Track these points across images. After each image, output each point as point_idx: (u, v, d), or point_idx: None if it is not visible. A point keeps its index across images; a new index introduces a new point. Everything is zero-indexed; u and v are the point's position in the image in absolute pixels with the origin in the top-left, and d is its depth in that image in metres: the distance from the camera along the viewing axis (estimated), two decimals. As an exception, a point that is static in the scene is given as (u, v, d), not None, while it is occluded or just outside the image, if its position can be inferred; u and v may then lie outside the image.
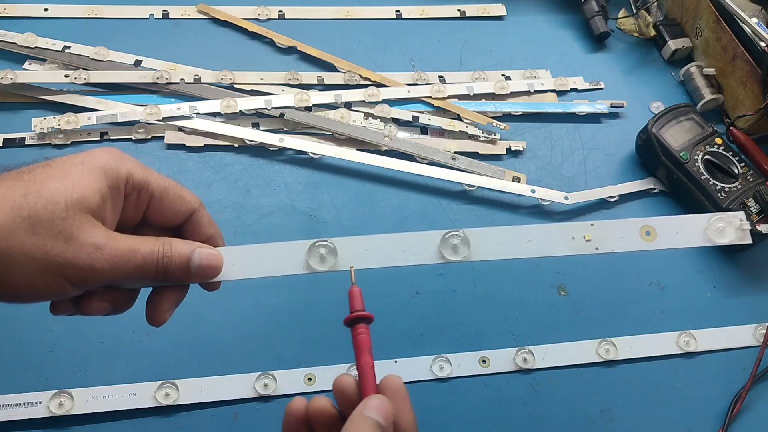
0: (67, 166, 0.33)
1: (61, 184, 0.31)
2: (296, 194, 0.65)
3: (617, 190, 0.68)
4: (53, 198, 0.31)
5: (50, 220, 0.31)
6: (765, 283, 0.64)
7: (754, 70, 0.69)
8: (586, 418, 0.56)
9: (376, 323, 0.57)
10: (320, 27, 0.78)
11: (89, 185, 0.32)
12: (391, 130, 0.69)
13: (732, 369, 0.59)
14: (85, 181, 0.32)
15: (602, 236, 0.41)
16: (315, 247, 0.40)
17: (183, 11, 0.77)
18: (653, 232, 0.41)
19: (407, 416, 0.35)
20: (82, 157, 0.33)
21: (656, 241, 0.41)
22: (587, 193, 0.67)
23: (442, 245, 0.41)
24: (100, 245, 0.32)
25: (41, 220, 0.31)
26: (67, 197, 0.31)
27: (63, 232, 0.31)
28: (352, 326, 0.38)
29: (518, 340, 0.58)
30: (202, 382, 0.53)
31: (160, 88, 0.69)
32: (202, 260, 0.36)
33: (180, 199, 0.37)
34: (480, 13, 0.82)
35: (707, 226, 0.42)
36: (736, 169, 0.65)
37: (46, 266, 0.31)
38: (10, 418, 0.50)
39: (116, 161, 0.34)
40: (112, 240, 0.33)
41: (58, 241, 0.31)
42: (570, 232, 0.41)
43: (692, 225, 0.42)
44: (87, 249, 0.32)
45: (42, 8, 0.74)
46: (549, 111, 0.74)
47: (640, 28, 0.80)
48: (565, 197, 0.66)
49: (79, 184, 0.32)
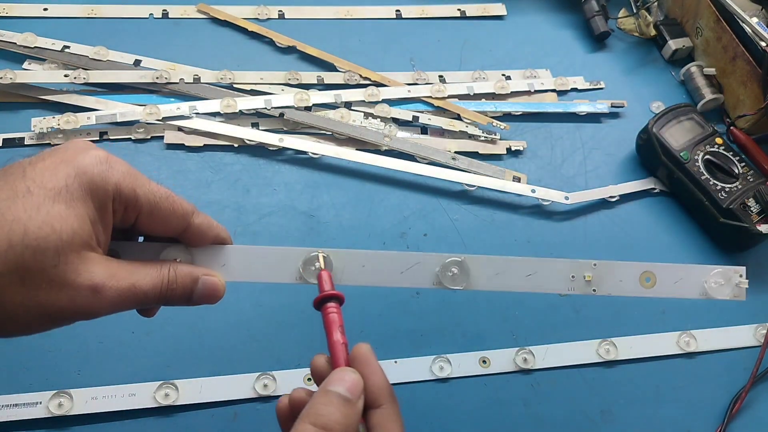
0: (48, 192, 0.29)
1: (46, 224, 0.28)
2: (296, 194, 0.65)
3: (617, 190, 0.68)
4: (40, 246, 0.28)
5: (40, 271, 0.28)
6: (765, 283, 0.64)
7: (754, 70, 0.69)
8: (586, 418, 0.56)
9: (377, 323, 0.58)
10: (320, 27, 0.78)
11: (78, 216, 0.29)
12: (391, 130, 0.69)
13: (732, 369, 0.59)
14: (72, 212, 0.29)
15: (602, 277, 0.41)
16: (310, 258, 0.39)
17: (182, 11, 0.77)
18: (653, 278, 0.42)
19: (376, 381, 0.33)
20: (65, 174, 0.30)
21: (654, 289, 0.41)
22: (587, 193, 0.67)
23: (441, 271, 0.40)
24: (98, 287, 0.30)
25: (30, 272, 0.28)
26: (57, 241, 0.28)
27: (56, 280, 0.29)
28: (322, 306, 0.37)
29: (518, 340, 0.58)
30: (202, 383, 0.53)
31: (160, 88, 0.69)
32: (204, 291, 0.35)
33: (171, 213, 0.34)
34: (480, 12, 0.82)
35: (706, 279, 0.42)
36: (736, 169, 0.65)
37: (41, 314, 0.29)
38: (10, 418, 0.50)
39: (103, 174, 0.31)
40: (111, 278, 0.31)
41: (52, 290, 0.29)
42: (571, 270, 0.41)
43: (692, 275, 0.42)
44: (84, 293, 0.30)
45: (41, 8, 0.74)
46: (549, 111, 0.74)
47: (641, 27, 0.80)
48: (565, 197, 0.66)
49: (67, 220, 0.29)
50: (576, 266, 0.41)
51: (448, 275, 0.40)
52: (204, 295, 0.35)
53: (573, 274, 0.41)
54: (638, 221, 0.67)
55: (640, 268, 0.41)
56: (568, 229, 0.66)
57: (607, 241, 0.65)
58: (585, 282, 0.41)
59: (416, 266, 0.40)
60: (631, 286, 0.41)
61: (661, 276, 0.42)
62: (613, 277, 0.41)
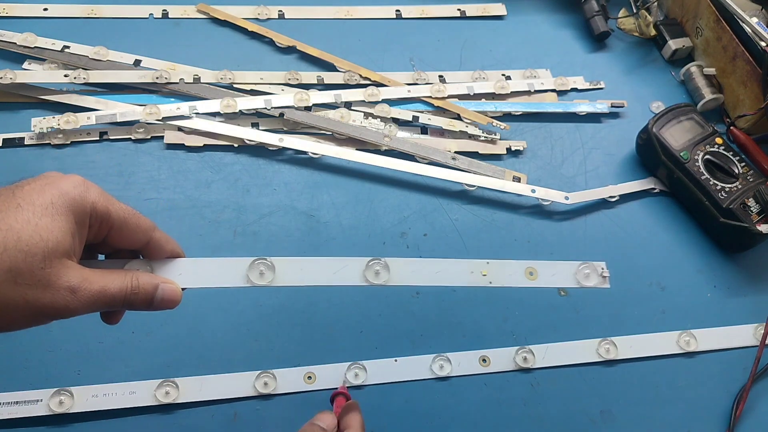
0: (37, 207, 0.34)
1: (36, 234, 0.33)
2: (296, 194, 0.65)
3: (617, 190, 0.68)
4: (31, 250, 0.33)
5: (30, 272, 0.33)
6: (765, 283, 0.64)
7: (754, 70, 0.69)
8: (586, 418, 0.56)
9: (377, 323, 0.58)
10: (320, 27, 0.78)
11: (61, 229, 0.34)
12: (391, 129, 0.69)
13: (732, 368, 0.59)
14: (57, 225, 0.34)
15: (496, 272, 0.49)
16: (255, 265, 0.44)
17: (182, 11, 0.77)
18: (535, 272, 0.50)
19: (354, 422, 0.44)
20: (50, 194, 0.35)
21: (537, 280, 0.50)
22: (587, 192, 0.67)
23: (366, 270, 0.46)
24: (75, 288, 0.35)
25: (22, 273, 0.33)
26: (44, 248, 0.33)
27: (41, 281, 0.34)
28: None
29: (518, 340, 0.58)
30: (202, 381, 0.53)
31: (160, 88, 0.69)
32: (164, 296, 0.39)
33: (137, 228, 0.39)
34: (480, 12, 0.82)
35: (576, 272, 0.50)
36: (736, 168, 0.65)
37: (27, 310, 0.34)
38: (11, 415, 0.50)
39: (81, 195, 0.36)
40: (85, 281, 0.35)
41: (38, 289, 0.34)
42: (469, 268, 0.49)
43: (564, 270, 0.51)
44: (63, 293, 0.34)
45: (41, 8, 0.74)
46: (549, 111, 0.74)
47: (641, 27, 0.80)
48: (565, 197, 0.66)
49: (53, 231, 0.34)
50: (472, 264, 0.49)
51: (372, 273, 0.46)
52: (163, 299, 0.39)
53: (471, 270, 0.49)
54: (638, 221, 0.67)
55: (524, 264, 0.50)
56: (568, 229, 0.66)
57: (607, 240, 0.65)
58: (482, 276, 0.49)
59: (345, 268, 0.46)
60: (519, 279, 0.50)
61: (541, 270, 0.50)
62: (504, 272, 0.50)
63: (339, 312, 0.58)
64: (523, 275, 0.50)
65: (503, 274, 0.49)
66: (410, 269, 0.48)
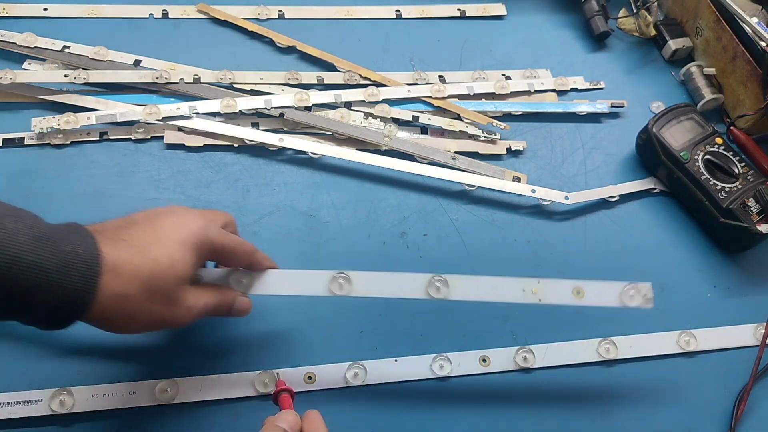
0: (174, 244, 0.43)
1: (172, 266, 0.42)
2: (296, 194, 0.65)
3: (617, 190, 0.68)
4: (164, 275, 0.42)
5: (163, 293, 0.43)
6: (765, 283, 0.64)
7: (754, 70, 0.69)
8: (586, 417, 0.56)
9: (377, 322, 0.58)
10: (320, 27, 0.78)
11: (188, 262, 0.44)
12: (391, 129, 0.69)
13: (732, 368, 0.59)
14: (185, 259, 0.43)
15: (545, 290, 0.52)
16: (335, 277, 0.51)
17: (182, 11, 0.77)
18: (582, 291, 0.53)
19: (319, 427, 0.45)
20: (183, 233, 0.44)
21: (584, 298, 0.53)
22: (587, 192, 0.67)
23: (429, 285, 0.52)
24: (191, 307, 0.45)
25: (157, 293, 0.42)
26: (174, 275, 0.43)
27: (170, 300, 0.43)
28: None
29: (518, 340, 0.58)
30: (202, 381, 0.53)
31: (160, 88, 0.69)
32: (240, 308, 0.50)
33: (243, 255, 0.49)
34: (480, 12, 0.82)
35: (621, 292, 0.53)
36: (736, 168, 0.65)
37: (154, 322, 0.44)
38: (11, 415, 0.50)
39: (205, 235, 0.45)
40: (197, 301, 0.46)
41: (165, 305, 0.43)
42: (521, 286, 0.52)
43: (610, 289, 0.53)
44: (182, 311, 0.44)
45: (41, 8, 0.74)
46: (549, 111, 0.74)
47: (641, 27, 0.80)
48: (565, 197, 0.66)
49: (183, 264, 0.43)
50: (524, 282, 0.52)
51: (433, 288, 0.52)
52: (238, 309, 0.50)
53: (523, 288, 0.52)
54: (638, 221, 0.67)
55: (571, 284, 0.53)
56: (568, 229, 0.66)
57: (607, 240, 0.65)
58: (532, 294, 0.52)
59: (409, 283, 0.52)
60: (567, 298, 0.52)
61: (588, 289, 0.53)
62: (554, 290, 0.53)
63: (339, 312, 0.58)
64: (571, 294, 0.53)
65: (552, 292, 0.53)
66: (468, 285, 0.52)
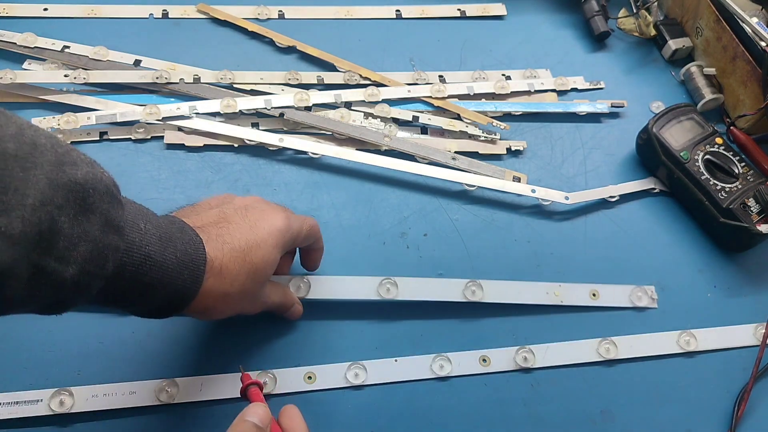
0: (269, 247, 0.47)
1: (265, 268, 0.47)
2: (296, 194, 0.65)
3: (617, 190, 0.68)
4: (258, 277, 0.47)
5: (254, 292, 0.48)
6: (765, 283, 0.64)
7: (754, 70, 0.69)
8: (586, 417, 0.56)
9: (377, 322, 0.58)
10: (320, 27, 0.78)
11: (276, 261, 0.48)
12: (391, 129, 0.69)
13: (732, 368, 0.59)
14: (274, 259, 0.48)
15: (566, 293, 0.60)
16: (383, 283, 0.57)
17: (182, 11, 0.77)
18: (597, 294, 0.61)
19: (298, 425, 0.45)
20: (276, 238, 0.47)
21: (600, 300, 0.61)
22: (588, 192, 0.67)
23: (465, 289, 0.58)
24: (265, 301, 0.51)
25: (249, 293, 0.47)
26: (265, 276, 0.48)
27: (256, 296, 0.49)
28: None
29: (518, 340, 0.58)
30: (202, 381, 0.53)
31: (160, 88, 0.69)
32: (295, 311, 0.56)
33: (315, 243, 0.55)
34: (480, 12, 0.82)
35: (631, 293, 0.61)
36: (736, 168, 0.65)
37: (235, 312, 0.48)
38: (11, 415, 0.50)
39: (288, 229, 0.49)
40: (270, 297, 0.51)
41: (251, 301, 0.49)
42: (545, 289, 0.60)
43: (621, 292, 0.62)
44: (258, 303, 0.50)
45: (41, 8, 0.74)
46: (549, 111, 0.74)
47: (641, 27, 0.80)
48: (565, 197, 0.66)
49: (272, 263, 0.48)
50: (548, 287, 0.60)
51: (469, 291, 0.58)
52: (294, 312, 0.55)
53: (547, 291, 0.60)
54: (638, 221, 0.67)
55: (589, 287, 0.61)
56: (568, 229, 0.66)
57: (607, 240, 0.65)
58: (555, 296, 0.60)
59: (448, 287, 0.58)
60: (585, 299, 0.60)
61: (603, 292, 0.61)
62: (573, 293, 0.60)
63: (339, 312, 0.58)
64: (588, 296, 0.61)
65: (572, 294, 0.60)
66: (499, 289, 0.59)
